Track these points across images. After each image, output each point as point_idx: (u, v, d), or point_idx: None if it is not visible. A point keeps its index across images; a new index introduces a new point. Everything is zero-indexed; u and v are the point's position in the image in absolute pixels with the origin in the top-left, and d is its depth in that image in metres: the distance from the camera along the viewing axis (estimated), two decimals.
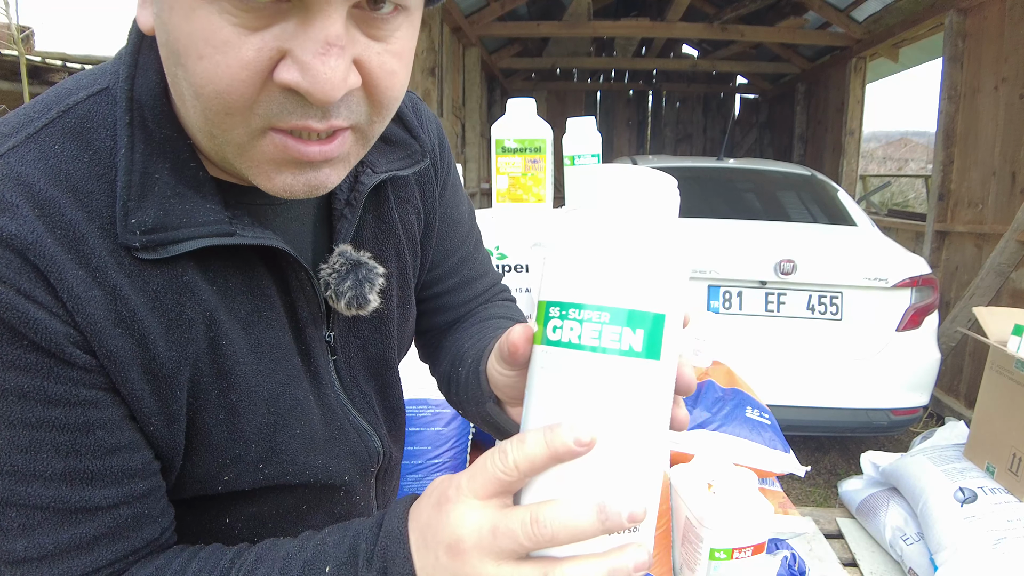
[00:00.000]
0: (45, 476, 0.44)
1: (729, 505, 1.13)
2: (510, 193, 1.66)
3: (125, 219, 0.45)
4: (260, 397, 0.53)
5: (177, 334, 0.48)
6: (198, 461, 0.52)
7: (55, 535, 0.45)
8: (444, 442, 1.35)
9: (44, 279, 0.42)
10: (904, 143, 18.04)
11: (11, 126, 0.46)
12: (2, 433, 0.42)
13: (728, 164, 3.99)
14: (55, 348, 0.42)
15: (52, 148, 0.45)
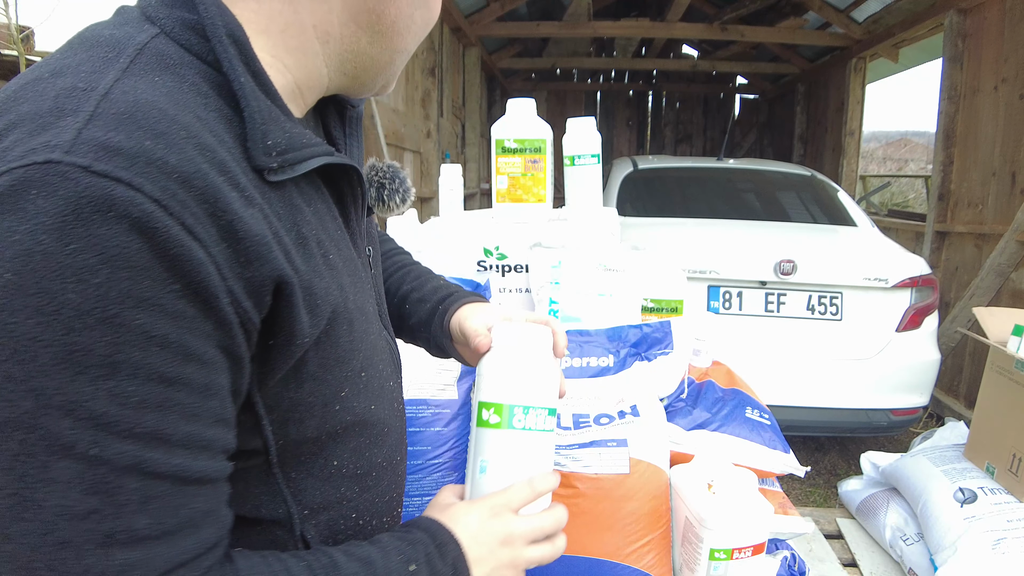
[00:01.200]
0: (171, 441, 0.41)
1: (729, 505, 1.13)
2: (510, 193, 1.66)
3: (263, 141, 0.47)
4: (358, 307, 0.57)
5: (303, 252, 0.50)
6: (329, 379, 0.54)
7: (174, 510, 0.42)
8: (444, 442, 1.35)
9: (209, 210, 0.41)
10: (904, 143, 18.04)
11: (92, 67, 0.42)
12: (137, 389, 0.39)
13: (728, 164, 3.99)
14: (208, 294, 0.41)
15: (155, 80, 0.43)
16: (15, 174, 0.37)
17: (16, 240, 0.36)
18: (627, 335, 1.44)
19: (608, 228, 1.69)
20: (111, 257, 0.37)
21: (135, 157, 0.38)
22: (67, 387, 0.37)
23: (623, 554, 1.15)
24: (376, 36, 0.55)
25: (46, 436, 0.37)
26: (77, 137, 0.38)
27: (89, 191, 0.37)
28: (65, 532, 0.38)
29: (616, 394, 1.33)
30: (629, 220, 3.23)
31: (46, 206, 0.36)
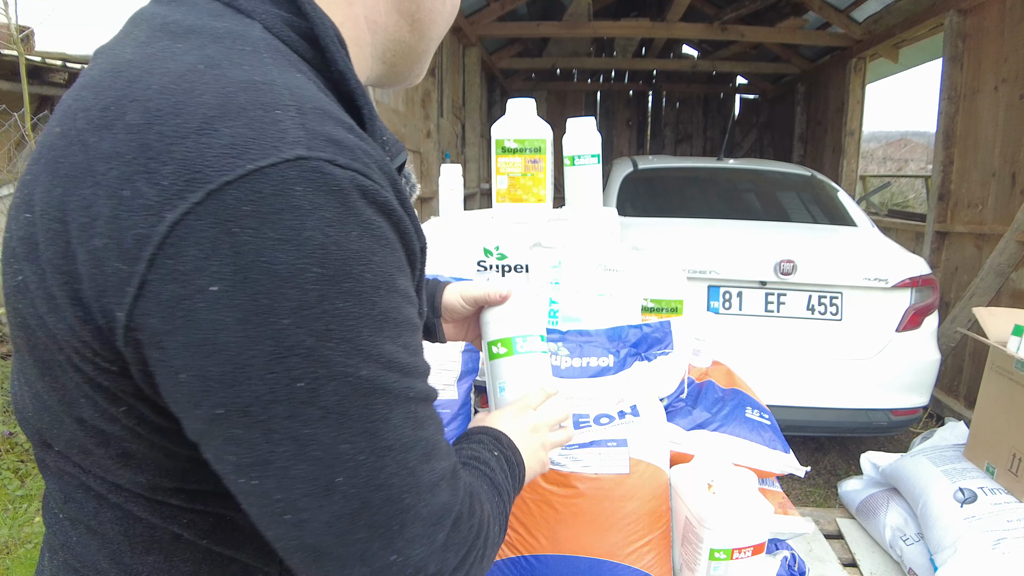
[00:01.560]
0: (424, 371, 0.49)
1: (729, 505, 1.13)
2: (510, 193, 1.66)
3: (380, 136, 0.52)
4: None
5: None
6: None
7: (437, 425, 0.51)
8: None
9: (398, 192, 0.46)
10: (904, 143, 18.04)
11: (241, 61, 0.43)
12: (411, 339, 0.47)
13: (728, 164, 3.99)
14: (414, 258, 0.48)
15: (296, 75, 0.46)
16: (270, 169, 0.39)
17: (309, 236, 0.39)
18: (627, 335, 1.44)
19: (608, 228, 1.68)
20: (378, 238, 0.43)
21: (355, 149, 0.43)
22: (384, 348, 0.43)
23: (623, 554, 1.15)
24: (415, 24, 0.59)
25: (383, 393, 0.44)
26: (305, 131, 0.41)
27: (344, 183, 0.41)
28: (411, 461, 0.46)
29: (616, 394, 1.33)
30: (629, 220, 3.23)
31: (318, 200, 0.39)
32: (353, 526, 0.44)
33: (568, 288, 1.54)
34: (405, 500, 0.45)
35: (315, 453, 0.41)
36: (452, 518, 0.49)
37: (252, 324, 0.38)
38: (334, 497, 0.43)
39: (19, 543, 2.39)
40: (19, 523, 2.48)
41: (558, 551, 1.16)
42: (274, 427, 0.40)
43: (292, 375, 0.39)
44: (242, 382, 0.39)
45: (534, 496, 1.20)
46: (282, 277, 0.38)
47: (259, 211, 0.38)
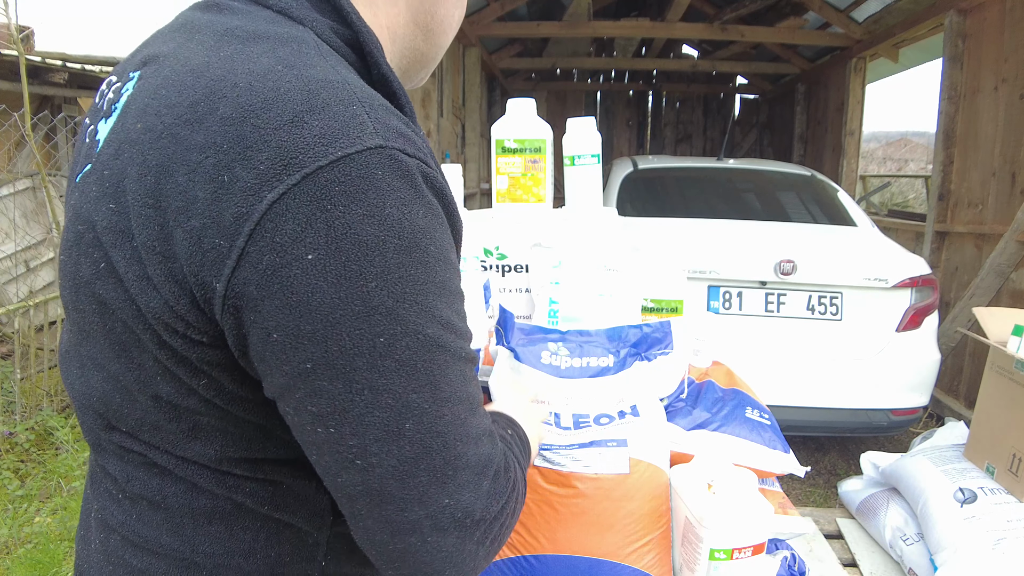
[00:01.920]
0: (467, 335, 0.54)
1: (729, 505, 1.13)
2: (510, 193, 1.66)
3: (418, 129, 0.56)
4: None
5: None
6: None
7: (477, 387, 0.56)
8: None
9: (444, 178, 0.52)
10: (904, 143, 18.03)
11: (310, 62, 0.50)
12: (461, 307, 0.53)
13: (728, 164, 3.99)
14: (457, 239, 0.55)
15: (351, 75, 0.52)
16: (356, 155, 0.45)
17: (389, 213, 0.46)
18: (627, 335, 1.44)
19: (608, 228, 1.68)
20: (436, 216, 0.50)
21: (415, 141, 0.50)
22: (443, 311, 0.49)
23: (623, 554, 1.15)
24: (428, 34, 0.66)
25: (444, 350, 0.49)
26: (378, 125, 0.47)
27: (412, 168, 0.48)
28: (462, 413, 0.51)
29: (616, 394, 1.33)
30: (629, 220, 3.23)
31: (396, 183, 0.46)
32: (415, 470, 0.48)
33: (568, 288, 1.54)
34: (458, 448, 0.50)
35: (388, 400, 0.47)
36: (494, 469, 0.54)
37: (343, 287, 0.44)
38: (401, 442, 0.48)
39: (19, 543, 2.39)
40: (19, 523, 2.48)
41: (558, 551, 1.16)
42: (356, 378, 0.46)
43: (375, 331, 0.46)
44: (332, 338, 0.45)
45: (534, 496, 1.20)
46: (368, 246, 0.45)
47: (348, 191, 0.44)
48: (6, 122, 3.81)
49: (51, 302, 3.61)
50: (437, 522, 0.50)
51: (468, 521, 0.51)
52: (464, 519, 0.51)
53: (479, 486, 0.52)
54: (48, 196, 3.88)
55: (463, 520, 0.51)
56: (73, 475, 2.77)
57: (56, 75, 4.43)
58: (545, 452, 1.21)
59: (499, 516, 0.55)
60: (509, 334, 1.43)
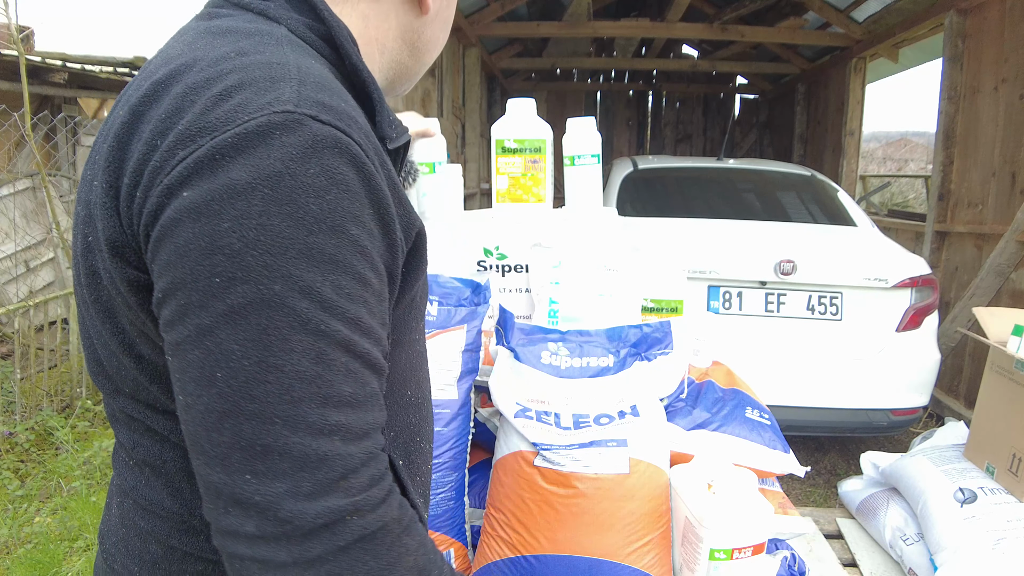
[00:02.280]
0: (362, 329, 0.51)
1: (729, 505, 1.13)
2: (510, 193, 1.66)
3: (388, 116, 0.62)
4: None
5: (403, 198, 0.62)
6: (419, 311, 0.68)
7: (363, 385, 0.51)
8: (444, 442, 1.35)
9: (380, 158, 0.54)
10: (904, 143, 18.03)
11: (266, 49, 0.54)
12: (347, 283, 0.49)
13: (728, 164, 3.99)
14: (387, 220, 0.53)
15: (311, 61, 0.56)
16: (261, 119, 0.47)
17: (270, 164, 0.47)
18: (627, 335, 1.44)
19: (608, 228, 1.69)
20: (337, 182, 0.49)
21: (340, 112, 0.51)
22: (306, 275, 0.47)
23: (623, 554, 1.15)
24: (414, 51, 0.71)
25: (290, 313, 0.47)
26: (299, 95, 0.49)
27: (320, 133, 0.48)
28: (297, 392, 0.47)
29: (616, 394, 1.33)
30: (629, 220, 3.22)
31: (291, 141, 0.47)
32: (221, 426, 0.47)
33: (568, 288, 1.54)
34: (276, 426, 0.47)
35: (207, 343, 0.47)
36: (333, 479, 0.48)
37: (200, 222, 0.46)
38: (212, 391, 0.47)
39: (19, 543, 2.39)
40: (19, 523, 2.48)
41: (558, 551, 1.16)
42: (187, 312, 0.47)
43: (214, 270, 0.46)
44: (177, 267, 0.47)
45: (534, 496, 1.20)
46: (237, 189, 0.46)
47: (240, 145, 0.47)
48: (6, 122, 3.81)
49: (51, 302, 3.61)
50: (238, 496, 0.47)
51: (272, 517, 0.47)
52: (267, 511, 0.47)
53: (298, 484, 0.47)
54: (48, 196, 3.88)
55: (267, 512, 0.47)
56: (73, 475, 2.77)
57: (56, 75, 4.43)
58: (545, 452, 1.21)
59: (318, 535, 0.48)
60: (509, 334, 1.43)
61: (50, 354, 3.60)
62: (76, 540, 2.41)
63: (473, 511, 1.45)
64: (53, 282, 4.58)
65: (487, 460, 1.48)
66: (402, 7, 0.68)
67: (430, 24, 0.71)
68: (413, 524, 0.55)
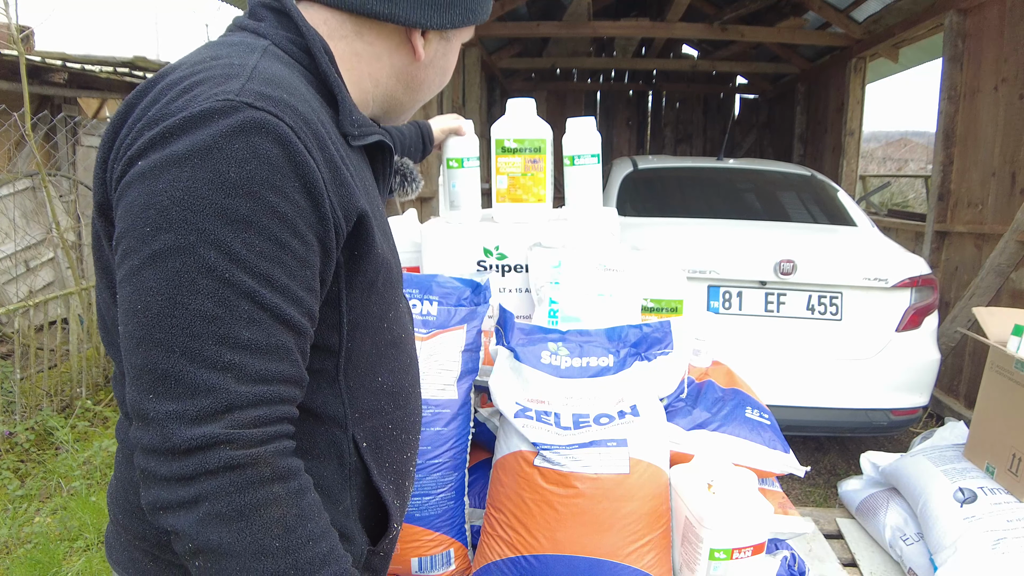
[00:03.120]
0: (275, 286, 0.59)
1: (729, 505, 1.13)
2: (510, 193, 1.66)
3: (350, 116, 0.72)
4: (393, 255, 0.77)
5: (369, 197, 0.72)
6: (387, 297, 0.74)
7: (268, 336, 0.59)
8: (444, 442, 1.35)
9: (320, 144, 0.63)
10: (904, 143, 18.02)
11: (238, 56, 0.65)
12: (260, 243, 0.58)
13: (728, 164, 3.99)
14: (316, 195, 0.61)
15: (279, 65, 0.67)
16: (205, 105, 0.58)
17: (203, 140, 0.56)
18: (627, 335, 1.44)
19: (608, 228, 1.68)
20: (259, 155, 0.57)
21: (278, 101, 0.60)
22: (218, 231, 0.56)
23: (623, 554, 1.15)
24: (408, 89, 0.81)
25: (199, 260, 0.56)
26: (242, 88, 0.60)
27: (250, 116, 0.58)
28: (197, 328, 0.56)
29: (616, 394, 1.33)
30: (629, 220, 3.22)
31: (224, 122, 0.57)
32: (136, 350, 0.57)
33: (568, 288, 1.54)
34: (176, 355, 0.56)
35: (135, 280, 0.57)
36: (217, 409, 0.56)
37: (143, 184, 0.57)
38: (133, 320, 0.57)
39: (19, 543, 2.39)
40: (19, 523, 2.48)
41: (558, 551, 1.16)
42: (126, 255, 0.58)
43: (146, 220, 0.56)
44: (124, 220, 0.58)
45: (534, 496, 1.20)
46: (173, 160, 0.57)
47: (184, 125, 0.57)
48: (6, 122, 3.81)
49: (51, 302, 3.61)
50: (141, 411, 0.57)
51: (159, 433, 0.56)
52: (158, 427, 0.56)
53: (185, 408, 0.56)
54: (48, 196, 3.88)
55: (157, 427, 0.56)
56: (73, 475, 2.77)
57: (56, 75, 4.43)
58: (545, 452, 1.21)
59: (214, 473, 0.56)
60: (509, 334, 1.43)
61: (50, 354, 3.60)
62: (76, 540, 2.40)
63: (473, 511, 1.45)
64: (53, 282, 4.58)
65: (487, 460, 1.48)
66: (397, 51, 0.77)
67: (424, 69, 0.80)
68: (295, 480, 0.61)
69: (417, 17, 0.75)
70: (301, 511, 0.60)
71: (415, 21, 0.75)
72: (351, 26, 0.75)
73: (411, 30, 0.76)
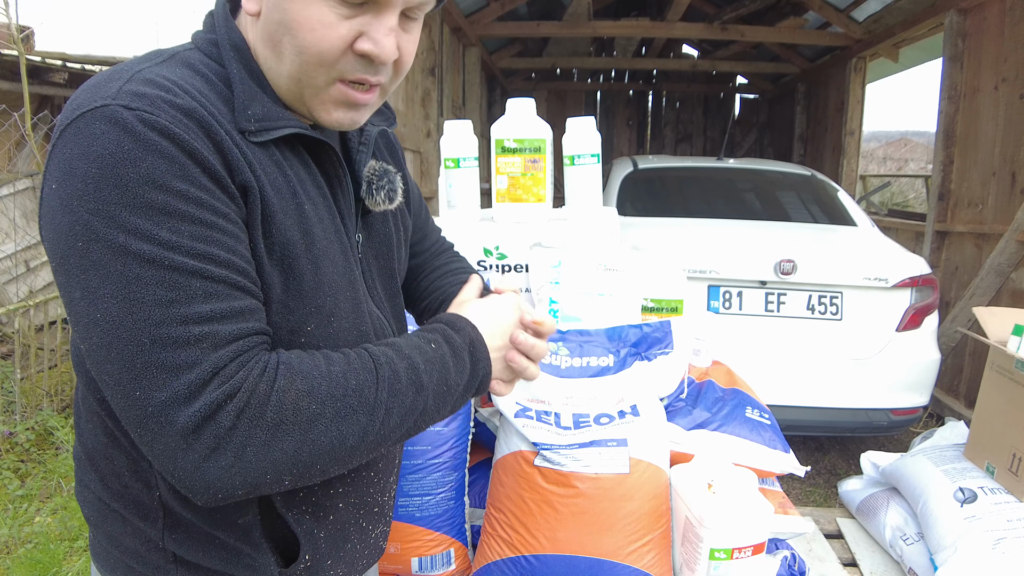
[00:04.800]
0: (218, 260, 0.60)
1: (729, 505, 1.13)
2: (510, 193, 1.66)
3: (244, 111, 0.67)
4: (329, 257, 0.73)
5: (275, 193, 0.68)
6: (294, 307, 0.70)
7: (230, 302, 0.61)
8: (444, 442, 1.35)
9: (206, 133, 0.62)
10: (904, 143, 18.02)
11: (137, 63, 0.65)
12: (190, 228, 0.59)
13: (728, 164, 3.99)
14: (219, 176, 0.62)
15: (175, 70, 0.66)
16: (85, 116, 0.59)
17: (93, 150, 0.58)
18: (627, 335, 1.44)
19: (608, 228, 1.68)
20: (150, 151, 0.58)
21: (154, 99, 0.60)
22: (142, 225, 0.58)
23: (623, 554, 1.15)
24: (269, 62, 0.70)
25: (136, 256, 0.57)
26: (119, 90, 0.60)
27: (128, 118, 0.58)
28: (158, 315, 0.58)
29: (616, 394, 1.33)
30: (629, 220, 3.22)
31: (106, 128, 0.58)
32: (108, 357, 0.58)
33: (568, 288, 1.54)
34: (147, 346, 0.57)
35: (86, 294, 0.58)
36: (205, 378, 0.58)
37: (62, 204, 0.59)
38: (97, 330, 0.58)
39: (19, 543, 2.39)
40: (19, 523, 2.48)
41: (558, 551, 1.16)
42: (71, 274, 0.59)
43: (76, 237, 0.58)
44: (54, 242, 0.60)
45: (534, 496, 1.20)
46: (76, 175, 0.58)
47: (75, 137, 0.59)
48: (6, 122, 3.81)
49: (51, 302, 3.61)
50: (138, 416, 0.58)
51: (165, 424, 0.57)
52: (158, 420, 0.57)
53: (176, 390, 0.57)
54: None
55: (159, 421, 0.57)
56: (73, 475, 2.77)
57: (56, 75, 4.43)
58: (545, 452, 1.21)
59: (234, 427, 0.58)
60: None
61: (50, 354, 3.60)
62: (76, 540, 2.41)
63: (473, 511, 1.45)
64: (52, 282, 4.58)
65: (487, 460, 1.48)
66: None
67: (265, 27, 0.68)
68: (293, 362, 0.64)
69: None
70: (304, 374, 0.63)
71: None
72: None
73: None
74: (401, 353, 0.70)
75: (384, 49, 0.67)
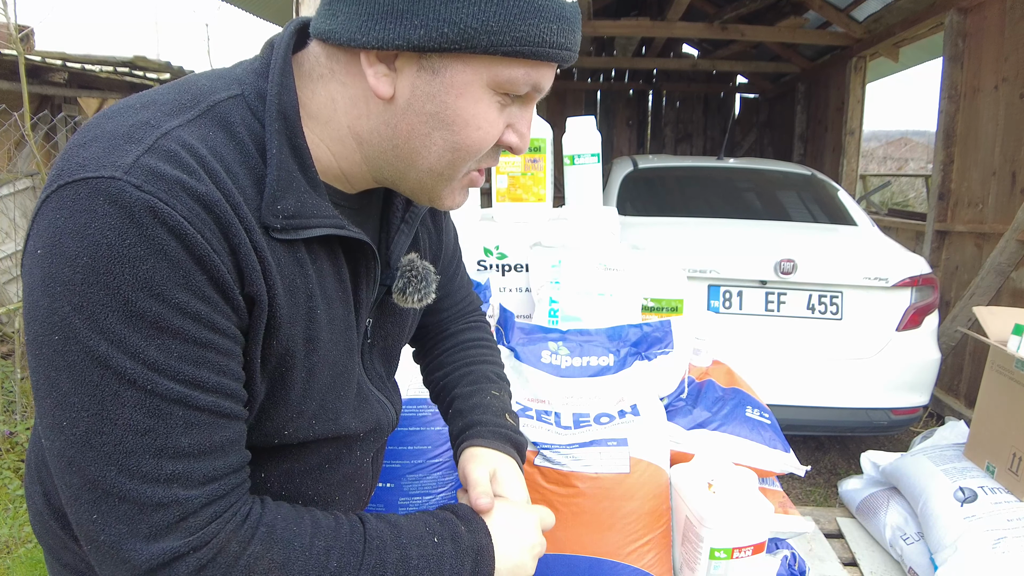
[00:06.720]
0: (206, 386, 0.54)
1: (729, 505, 1.13)
2: (510, 193, 1.66)
3: (273, 205, 0.58)
4: (328, 362, 0.67)
5: (289, 297, 0.61)
6: (274, 415, 0.65)
7: (211, 434, 0.55)
8: (444, 442, 1.35)
9: (222, 231, 0.54)
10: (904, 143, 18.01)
11: (168, 109, 0.57)
12: (181, 348, 0.52)
13: (728, 164, 3.99)
14: (226, 287, 0.55)
15: (207, 133, 0.57)
16: (91, 183, 0.50)
17: (90, 234, 0.49)
18: (627, 334, 1.44)
19: (608, 228, 1.68)
20: (155, 251, 0.51)
21: (172, 184, 0.52)
22: (128, 339, 0.51)
23: (623, 553, 1.15)
24: (396, 149, 0.63)
25: (117, 372, 0.51)
26: (135, 162, 0.51)
27: (139, 202, 0.50)
28: (131, 443, 0.51)
29: (616, 393, 1.33)
30: (629, 220, 3.22)
31: (110, 210, 0.50)
32: (70, 468, 0.52)
33: (568, 288, 1.54)
34: (113, 473, 0.51)
35: (55, 394, 0.52)
36: (171, 522, 0.53)
37: (43, 286, 0.51)
38: (62, 437, 0.52)
39: (19, 543, 2.39)
40: (19, 523, 2.48)
41: (558, 551, 1.16)
42: (41, 364, 0.52)
43: (53, 329, 0.51)
44: (30, 322, 0.52)
45: (534, 495, 1.20)
46: (66, 257, 0.50)
47: (70, 207, 0.50)
48: (6, 122, 3.81)
49: None
50: (89, 535, 0.53)
51: (116, 557, 0.52)
52: (111, 550, 0.52)
53: (136, 527, 0.52)
54: None
55: (111, 551, 0.52)
56: None
57: (56, 75, 4.43)
58: (545, 451, 1.21)
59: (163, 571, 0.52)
60: (509, 334, 1.43)
61: None
62: None
63: None
64: None
65: None
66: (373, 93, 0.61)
67: (403, 114, 0.61)
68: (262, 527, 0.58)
69: (353, 31, 0.58)
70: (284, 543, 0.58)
71: (349, 37, 0.58)
72: (325, 60, 0.62)
73: (359, 51, 0.59)
74: (398, 541, 0.63)
75: (526, 142, 0.66)
